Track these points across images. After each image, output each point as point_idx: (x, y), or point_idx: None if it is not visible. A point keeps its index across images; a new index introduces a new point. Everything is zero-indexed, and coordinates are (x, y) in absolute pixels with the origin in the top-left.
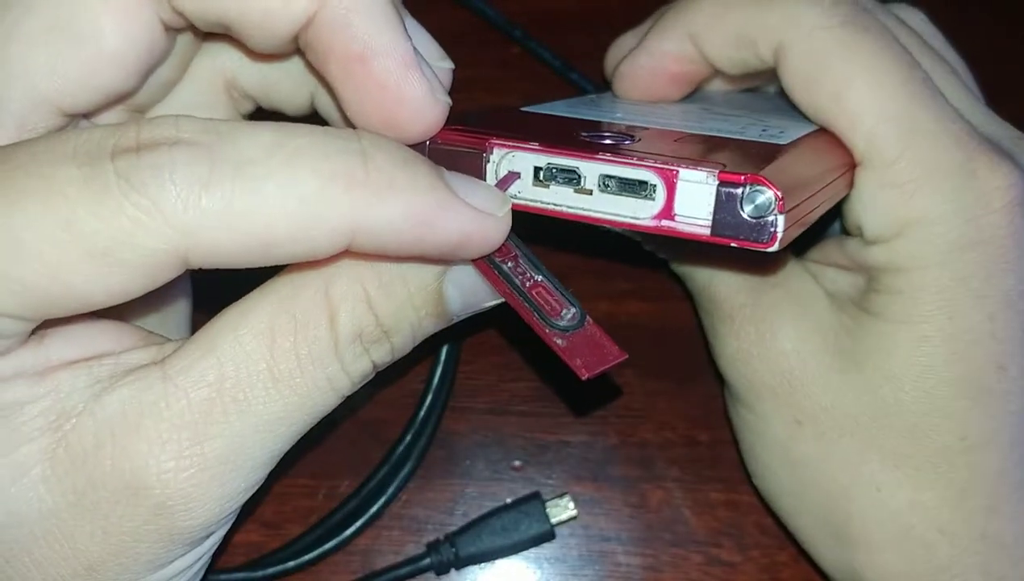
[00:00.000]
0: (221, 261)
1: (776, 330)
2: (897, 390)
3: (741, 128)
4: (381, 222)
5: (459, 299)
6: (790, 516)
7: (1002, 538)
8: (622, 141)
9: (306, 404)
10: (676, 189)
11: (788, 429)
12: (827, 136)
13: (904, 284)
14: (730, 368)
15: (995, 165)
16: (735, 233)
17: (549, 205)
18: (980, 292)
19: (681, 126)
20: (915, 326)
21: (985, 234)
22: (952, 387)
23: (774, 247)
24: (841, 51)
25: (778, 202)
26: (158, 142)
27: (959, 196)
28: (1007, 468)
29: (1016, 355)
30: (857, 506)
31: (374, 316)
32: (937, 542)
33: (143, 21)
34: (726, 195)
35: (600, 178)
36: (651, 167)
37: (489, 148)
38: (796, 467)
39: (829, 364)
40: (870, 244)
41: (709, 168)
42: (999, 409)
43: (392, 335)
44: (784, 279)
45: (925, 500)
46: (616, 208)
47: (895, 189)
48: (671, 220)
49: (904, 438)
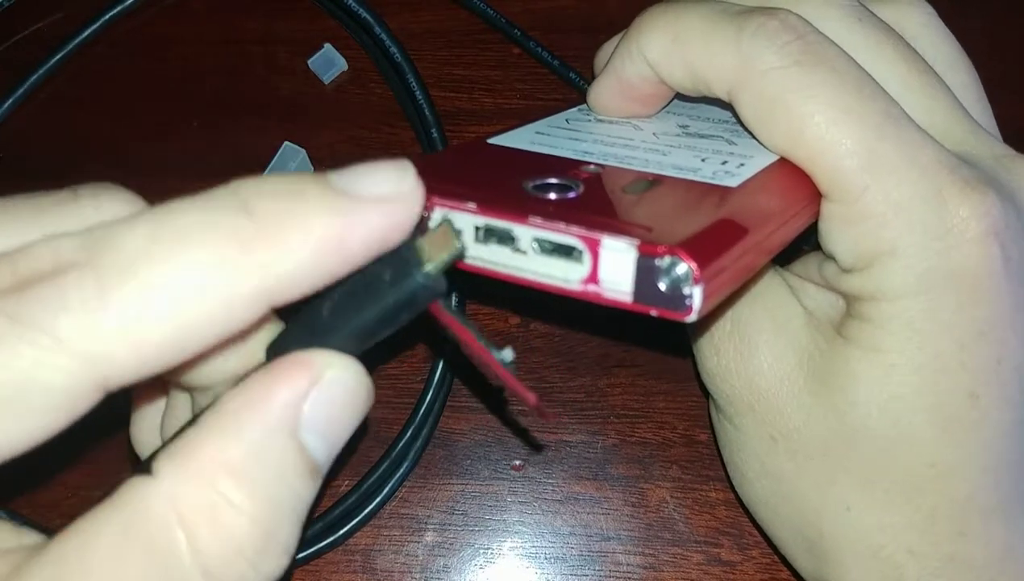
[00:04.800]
0: (143, 373)
1: (753, 348)
2: (865, 416)
3: (703, 158)
4: (291, 266)
5: (322, 443)
6: (768, 526)
7: (972, 561)
8: (566, 194)
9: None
10: (600, 257)
11: (764, 444)
12: (790, 165)
13: (874, 313)
14: (711, 383)
15: (967, 194)
16: (653, 303)
17: (486, 264)
18: (951, 323)
19: (642, 160)
20: (883, 355)
21: (957, 265)
22: (921, 415)
23: (691, 318)
24: (795, 92)
25: (694, 275)
26: (40, 272)
27: (928, 228)
28: (977, 494)
29: (989, 384)
30: (828, 524)
31: (246, 519)
32: (906, 563)
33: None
34: (645, 266)
35: (533, 240)
36: (576, 234)
37: (430, 206)
38: (771, 481)
39: (802, 385)
40: (844, 272)
41: (630, 239)
42: (970, 437)
43: (277, 531)
44: (763, 292)
45: (894, 522)
46: (549, 269)
47: (861, 223)
48: (597, 285)
49: (872, 462)
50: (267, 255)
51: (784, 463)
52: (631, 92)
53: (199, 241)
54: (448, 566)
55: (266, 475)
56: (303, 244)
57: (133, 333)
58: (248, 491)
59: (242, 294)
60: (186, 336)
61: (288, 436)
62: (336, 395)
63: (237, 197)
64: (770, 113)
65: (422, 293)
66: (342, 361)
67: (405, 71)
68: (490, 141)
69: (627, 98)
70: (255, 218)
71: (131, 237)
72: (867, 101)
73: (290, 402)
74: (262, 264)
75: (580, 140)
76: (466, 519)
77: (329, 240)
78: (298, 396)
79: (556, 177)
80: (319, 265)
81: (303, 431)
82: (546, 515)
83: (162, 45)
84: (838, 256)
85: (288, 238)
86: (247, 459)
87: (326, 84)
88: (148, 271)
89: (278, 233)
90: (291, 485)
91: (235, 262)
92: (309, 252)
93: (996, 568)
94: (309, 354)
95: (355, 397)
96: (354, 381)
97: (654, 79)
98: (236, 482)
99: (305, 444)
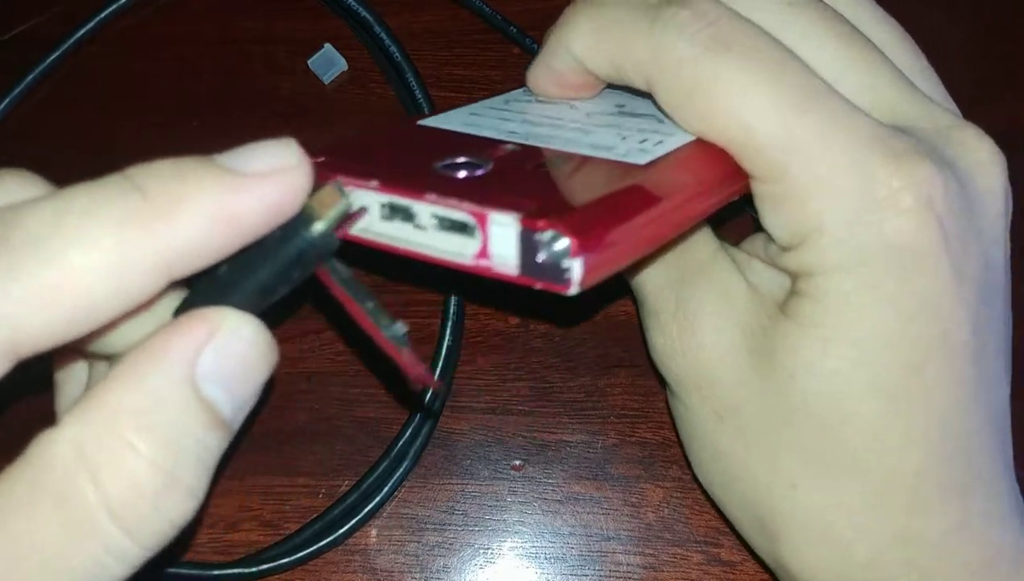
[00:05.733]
0: (52, 340)
1: (697, 326)
2: (804, 391)
3: (624, 137)
4: (186, 240)
5: (226, 396)
6: (723, 506)
7: (923, 535)
8: (474, 171)
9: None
10: (489, 230)
11: (712, 423)
12: (711, 146)
13: (812, 288)
14: (659, 363)
15: (898, 165)
16: (537, 275)
17: (392, 240)
18: (891, 296)
19: (562, 140)
20: (821, 329)
21: (892, 237)
22: (861, 390)
23: (572, 291)
24: (707, 80)
25: (572, 248)
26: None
27: (857, 201)
28: (925, 469)
29: (934, 358)
30: (776, 503)
31: (145, 462)
32: (856, 541)
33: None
34: (527, 239)
35: (431, 216)
36: (467, 210)
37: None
38: (722, 461)
39: (745, 361)
40: (783, 249)
41: (514, 212)
42: (916, 411)
43: (180, 474)
44: (709, 269)
45: (841, 499)
46: (447, 245)
47: (790, 201)
48: (487, 259)
49: (816, 438)
50: (161, 231)
51: (732, 441)
52: (563, 81)
53: (100, 220)
54: (448, 566)
55: (166, 421)
56: (194, 219)
57: (41, 304)
58: (147, 436)
59: (141, 267)
60: (90, 307)
61: (187, 385)
62: (234, 347)
63: (131, 180)
64: (685, 102)
65: (311, 250)
66: (238, 315)
67: (405, 71)
68: (421, 122)
69: (560, 86)
70: (148, 198)
71: (37, 215)
72: (782, 80)
73: (187, 352)
74: (157, 239)
75: (509, 120)
76: (466, 519)
77: (219, 214)
78: (195, 347)
79: (468, 156)
80: (212, 238)
81: (203, 382)
82: (546, 515)
83: (160, 44)
84: (774, 234)
85: (180, 214)
86: (147, 406)
87: (326, 84)
88: (53, 246)
89: (170, 210)
90: (193, 433)
91: (132, 238)
92: (200, 226)
93: (949, 543)
94: (206, 310)
95: (254, 350)
96: (252, 334)
97: (581, 70)
98: (136, 426)
99: (206, 394)
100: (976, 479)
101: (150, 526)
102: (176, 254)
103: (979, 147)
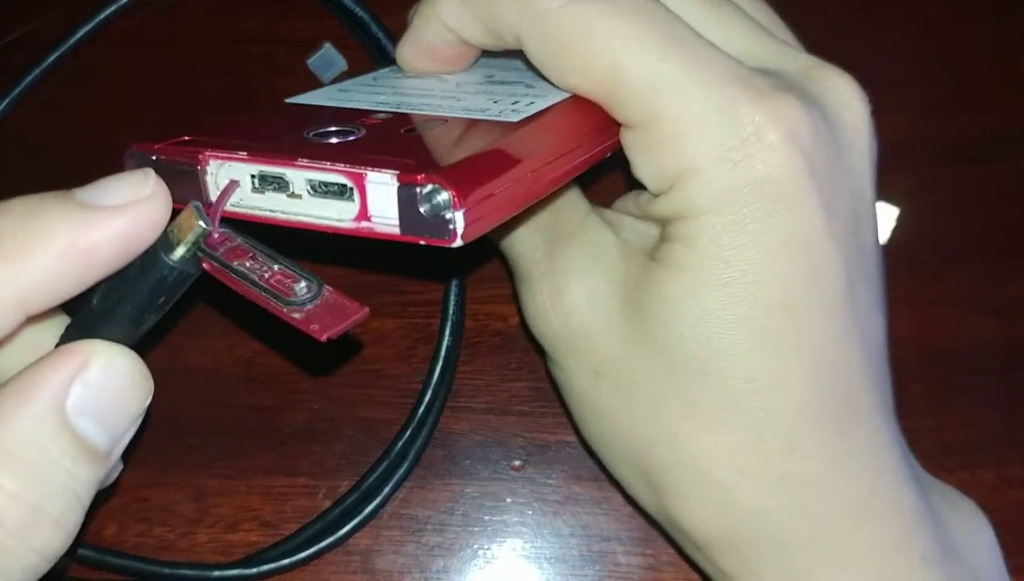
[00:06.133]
0: None
1: (568, 284)
2: (678, 337)
3: (496, 100)
4: (40, 277)
5: (99, 427)
6: (609, 465)
7: (803, 476)
8: (347, 137)
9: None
10: (367, 191)
11: (589, 381)
12: (582, 102)
13: (682, 232)
14: (533, 328)
15: (761, 101)
16: (420, 231)
17: (266, 212)
18: (758, 233)
19: (434, 106)
20: (692, 272)
21: (759, 174)
22: (733, 330)
23: (456, 243)
24: (572, 29)
25: (454, 200)
26: None
27: (723, 140)
28: (803, 406)
29: (805, 294)
30: (659, 454)
31: (6, 496)
32: (738, 485)
33: None
34: (407, 195)
35: (306, 182)
36: (342, 171)
37: (204, 161)
38: (602, 419)
39: (618, 313)
40: (654, 197)
41: (391, 170)
42: (788, 349)
43: (47, 507)
44: (579, 231)
45: (721, 444)
46: (324, 211)
47: (658, 146)
48: (368, 221)
49: (693, 384)
50: (12, 269)
51: (610, 397)
52: (434, 54)
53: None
54: (448, 567)
55: (32, 456)
56: (46, 256)
57: None
58: (11, 472)
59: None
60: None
61: (55, 419)
62: (104, 379)
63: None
64: (552, 54)
65: (173, 276)
66: (109, 348)
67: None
68: (288, 100)
69: (431, 59)
70: (0, 236)
71: None
72: (645, 26)
73: (56, 387)
74: (10, 277)
75: (379, 93)
76: (466, 520)
77: (71, 249)
78: (63, 380)
79: (339, 124)
80: (67, 273)
81: (73, 415)
82: (546, 515)
83: (160, 44)
84: (646, 182)
85: (30, 252)
86: (13, 442)
87: (326, 84)
88: None
89: (21, 247)
90: (62, 466)
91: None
92: (52, 262)
93: (830, 480)
94: (77, 343)
95: (126, 381)
96: (122, 365)
97: (455, 40)
98: (1, 463)
99: (76, 427)
100: (855, 413)
101: (15, 560)
102: (30, 291)
103: (842, 84)
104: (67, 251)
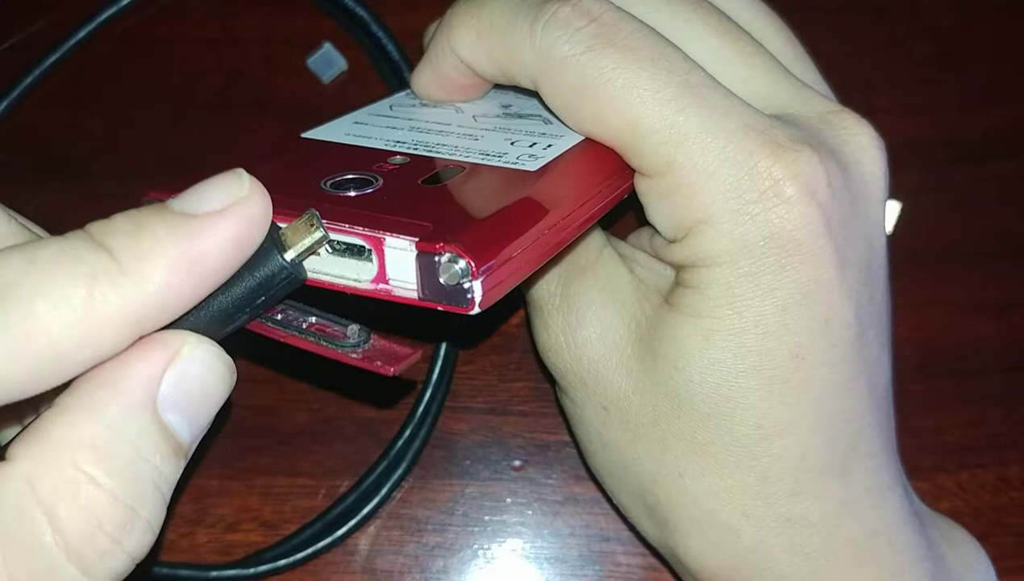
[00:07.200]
0: (16, 391)
1: (581, 319)
2: (688, 381)
3: (513, 141)
4: (156, 293)
5: (184, 422)
6: (614, 495)
7: (806, 518)
8: (364, 189)
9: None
10: (385, 255)
11: (599, 415)
12: (598, 145)
13: (696, 279)
14: (545, 359)
15: (779, 155)
16: (438, 298)
17: None
18: (771, 286)
19: (452, 147)
20: (703, 320)
21: (775, 227)
22: (743, 379)
23: (474, 311)
24: (591, 78)
25: (471, 270)
26: None
27: (739, 192)
28: (808, 453)
29: (814, 345)
30: (664, 491)
31: (106, 495)
32: (742, 526)
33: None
34: (425, 263)
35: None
36: (361, 234)
37: None
38: (609, 451)
39: (630, 353)
40: (668, 242)
41: (410, 237)
42: (796, 398)
43: (140, 507)
44: (594, 265)
45: (726, 486)
46: (343, 270)
47: (673, 195)
48: (386, 284)
49: (701, 427)
50: (131, 287)
51: (618, 433)
52: (449, 83)
53: (68, 274)
54: (447, 567)
55: (126, 452)
56: (162, 270)
57: (8, 352)
58: (107, 467)
59: (109, 322)
60: (55, 357)
61: (148, 413)
62: (194, 372)
63: (92, 237)
64: (570, 101)
65: (282, 276)
66: (198, 339)
67: (403, 69)
68: (304, 135)
69: (446, 88)
70: (114, 254)
71: (4, 264)
72: (663, 77)
73: (147, 379)
74: (127, 296)
75: (396, 128)
76: (466, 520)
77: (187, 261)
78: (154, 373)
79: (356, 172)
80: (182, 286)
81: (163, 409)
82: (546, 516)
83: (161, 44)
84: (660, 229)
85: (147, 267)
86: (106, 436)
87: (326, 84)
88: (23, 294)
89: (138, 264)
90: (152, 463)
91: (103, 294)
92: (169, 278)
93: (832, 522)
94: (166, 334)
95: (213, 375)
96: (211, 359)
97: (468, 72)
98: (95, 458)
99: (166, 422)
100: (858, 457)
101: (109, 563)
102: (147, 308)
103: (859, 131)
104: (176, 263)
